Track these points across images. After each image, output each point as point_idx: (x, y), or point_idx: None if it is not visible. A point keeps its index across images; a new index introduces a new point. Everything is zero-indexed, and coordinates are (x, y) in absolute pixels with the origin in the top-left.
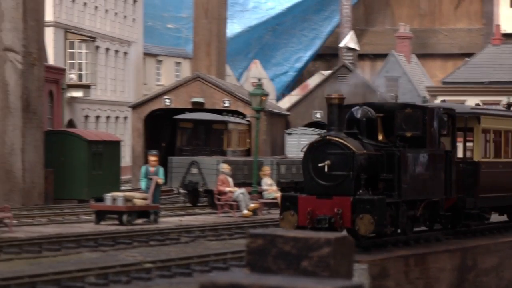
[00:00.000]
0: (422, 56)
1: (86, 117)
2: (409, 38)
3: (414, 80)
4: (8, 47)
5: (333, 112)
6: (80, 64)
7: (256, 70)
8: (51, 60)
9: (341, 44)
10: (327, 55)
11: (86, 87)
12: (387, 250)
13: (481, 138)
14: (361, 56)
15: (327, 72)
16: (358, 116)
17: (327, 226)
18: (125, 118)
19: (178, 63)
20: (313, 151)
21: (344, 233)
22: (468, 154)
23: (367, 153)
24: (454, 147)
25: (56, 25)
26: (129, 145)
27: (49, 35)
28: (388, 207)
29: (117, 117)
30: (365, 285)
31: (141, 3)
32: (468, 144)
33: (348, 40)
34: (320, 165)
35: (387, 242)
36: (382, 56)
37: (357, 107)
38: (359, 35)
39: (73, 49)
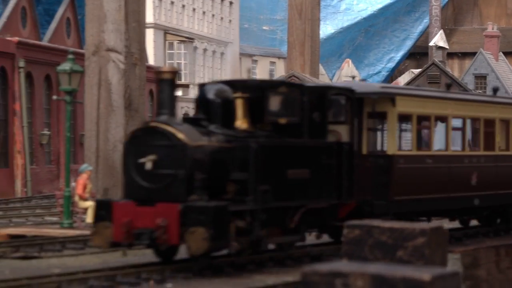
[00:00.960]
0: (509, 54)
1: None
2: (497, 36)
3: (502, 78)
4: (111, 47)
5: (164, 90)
6: (179, 64)
7: (348, 69)
8: (151, 61)
9: (431, 43)
10: (417, 53)
11: (185, 86)
12: (477, 241)
13: (396, 126)
14: (450, 55)
15: (417, 70)
16: (210, 96)
17: (147, 242)
18: None
19: (272, 63)
20: (135, 142)
21: (439, 223)
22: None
23: (209, 146)
24: (354, 137)
25: (156, 26)
26: None
27: (149, 36)
28: (235, 217)
29: None
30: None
31: (237, 5)
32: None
33: (438, 39)
34: (140, 160)
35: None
36: (471, 54)
37: (210, 85)
38: (448, 35)
39: (172, 50)
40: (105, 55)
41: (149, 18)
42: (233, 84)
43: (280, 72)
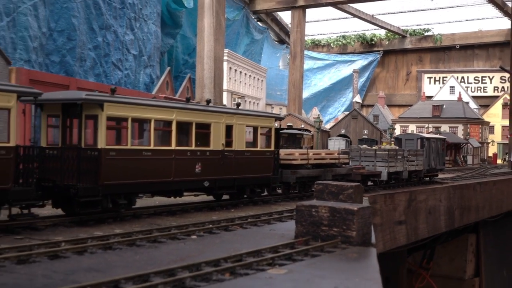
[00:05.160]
0: (388, 106)
1: None
2: (383, 97)
3: (385, 115)
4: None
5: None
6: None
7: (315, 111)
8: None
9: (354, 100)
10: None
11: None
12: (375, 191)
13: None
14: (363, 105)
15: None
16: None
17: None
18: None
19: (280, 108)
20: None
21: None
22: None
23: None
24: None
25: (227, 91)
26: None
27: (224, 96)
28: None
29: None
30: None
31: (265, 81)
32: None
33: (357, 98)
34: None
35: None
36: (372, 105)
37: None
38: (364, 96)
39: (234, 101)
40: None
41: (225, 86)
42: None
43: (283, 112)
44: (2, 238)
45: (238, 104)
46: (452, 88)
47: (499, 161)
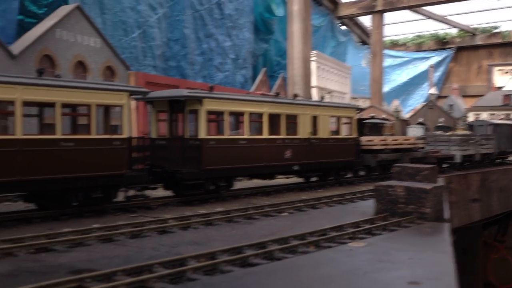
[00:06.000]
0: (463, 97)
1: None
2: (457, 89)
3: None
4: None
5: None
6: None
7: (396, 103)
8: None
9: (429, 91)
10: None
11: None
12: (450, 172)
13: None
14: (440, 97)
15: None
16: None
17: None
18: None
19: (364, 101)
20: None
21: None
22: None
23: None
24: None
25: (315, 87)
26: None
27: (313, 91)
28: None
29: None
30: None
31: (350, 78)
32: None
33: (433, 90)
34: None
35: None
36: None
37: None
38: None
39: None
40: None
41: (314, 83)
42: None
43: (367, 104)
44: (119, 216)
45: (322, 97)
46: None
47: None
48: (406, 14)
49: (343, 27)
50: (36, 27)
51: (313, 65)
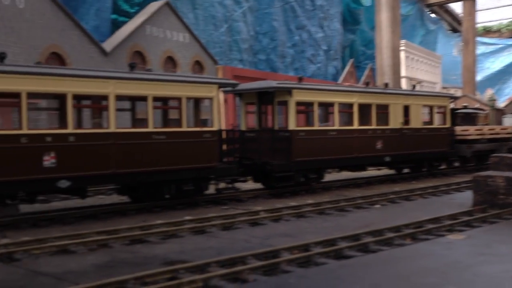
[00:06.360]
0: None
1: None
2: None
3: None
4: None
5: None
6: None
7: (490, 92)
8: None
9: None
10: None
11: None
12: None
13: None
14: None
15: None
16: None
17: None
18: None
19: (456, 90)
20: None
21: None
22: None
23: None
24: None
25: (404, 77)
26: None
27: (402, 82)
28: None
29: None
30: None
31: (440, 67)
32: None
33: None
34: None
35: None
36: None
37: None
38: None
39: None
40: None
41: (403, 73)
42: None
43: (458, 94)
44: (210, 208)
45: (414, 86)
46: None
47: None
48: None
49: (433, 15)
50: (127, 24)
51: (402, 55)
